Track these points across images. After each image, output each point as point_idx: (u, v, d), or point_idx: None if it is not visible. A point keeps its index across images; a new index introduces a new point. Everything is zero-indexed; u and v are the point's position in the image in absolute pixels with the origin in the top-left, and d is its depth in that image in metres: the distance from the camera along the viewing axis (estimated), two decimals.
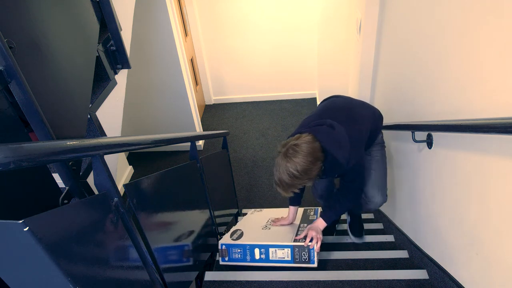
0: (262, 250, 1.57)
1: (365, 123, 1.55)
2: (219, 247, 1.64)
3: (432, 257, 1.52)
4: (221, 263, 1.65)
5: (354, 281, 1.47)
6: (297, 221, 1.88)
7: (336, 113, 1.53)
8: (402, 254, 1.81)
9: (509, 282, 0.99)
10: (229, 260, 1.63)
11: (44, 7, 0.97)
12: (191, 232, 1.47)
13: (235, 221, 2.55)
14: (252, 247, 1.58)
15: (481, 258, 1.13)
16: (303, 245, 1.52)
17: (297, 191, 1.35)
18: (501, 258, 1.03)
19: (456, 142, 1.24)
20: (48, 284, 0.64)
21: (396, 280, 1.47)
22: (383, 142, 1.76)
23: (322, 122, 1.43)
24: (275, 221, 1.85)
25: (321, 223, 1.60)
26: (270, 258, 1.56)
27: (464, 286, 1.26)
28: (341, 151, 1.35)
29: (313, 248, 1.51)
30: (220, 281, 1.55)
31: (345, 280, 1.47)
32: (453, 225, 1.31)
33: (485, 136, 1.04)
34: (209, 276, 1.57)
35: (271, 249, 1.56)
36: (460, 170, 1.22)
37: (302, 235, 1.58)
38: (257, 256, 1.58)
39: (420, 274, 1.55)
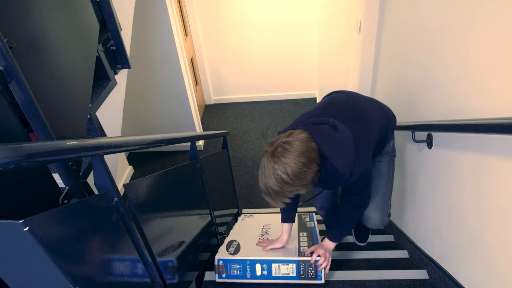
0: (264, 265, 1.44)
1: (374, 124, 1.28)
2: (216, 263, 1.48)
3: (432, 257, 1.52)
4: (217, 280, 1.49)
5: (354, 281, 1.46)
6: (294, 229, 1.73)
7: (340, 110, 1.25)
8: (402, 254, 1.81)
9: (509, 282, 0.99)
10: (226, 277, 1.49)
11: (44, 7, 0.97)
12: (191, 232, 1.47)
13: (235, 221, 2.55)
14: (253, 262, 1.45)
15: (481, 258, 1.13)
16: (309, 260, 1.39)
17: (288, 200, 1.10)
18: (501, 258, 1.03)
19: (456, 142, 1.24)
20: (48, 284, 0.64)
21: (396, 280, 1.47)
22: (394, 152, 1.48)
23: (323, 121, 1.17)
24: (264, 245, 1.53)
25: (331, 244, 1.41)
26: (273, 274, 1.44)
27: (464, 286, 1.26)
28: (343, 159, 1.10)
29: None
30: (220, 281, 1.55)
31: (345, 280, 1.46)
32: (453, 225, 1.31)
33: (485, 136, 1.04)
34: (209, 276, 1.57)
35: (274, 265, 1.43)
36: (460, 170, 1.22)
37: (309, 251, 1.43)
38: (258, 273, 1.46)
39: (420, 274, 1.55)
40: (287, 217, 1.52)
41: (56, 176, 0.94)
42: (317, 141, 1.09)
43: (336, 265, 1.68)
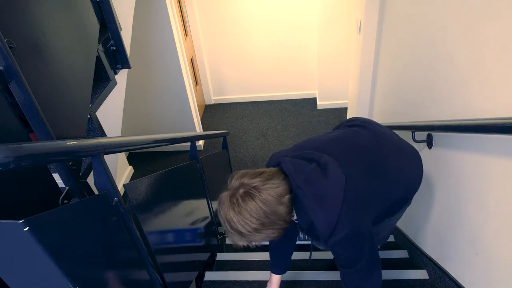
0: None
1: (397, 190, 1.01)
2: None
3: (432, 257, 1.52)
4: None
5: None
6: None
7: (356, 155, 0.98)
8: (402, 254, 1.81)
9: (509, 282, 0.99)
10: None
11: (44, 7, 0.97)
12: (191, 232, 1.47)
13: None
14: None
15: (481, 258, 1.13)
16: None
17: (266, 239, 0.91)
18: (501, 258, 1.03)
19: (456, 142, 1.24)
20: (48, 284, 0.64)
21: (396, 280, 1.47)
22: (409, 204, 1.17)
23: (315, 157, 0.93)
24: None
25: None
26: None
27: (464, 286, 1.26)
28: (323, 214, 0.86)
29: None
30: (220, 281, 1.55)
31: None
32: (453, 225, 1.31)
33: (485, 136, 1.04)
34: (209, 276, 1.57)
35: None
36: (460, 170, 1.22)
37: None
38: None
39: (420, 274, 1.55)
40: (278, 265, 1.23)
41: (56, 176, 0.94)
42: (298, 185, 0.88)
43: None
